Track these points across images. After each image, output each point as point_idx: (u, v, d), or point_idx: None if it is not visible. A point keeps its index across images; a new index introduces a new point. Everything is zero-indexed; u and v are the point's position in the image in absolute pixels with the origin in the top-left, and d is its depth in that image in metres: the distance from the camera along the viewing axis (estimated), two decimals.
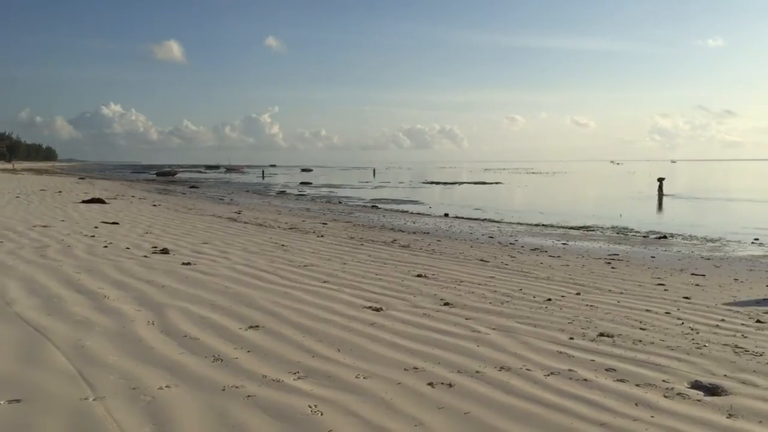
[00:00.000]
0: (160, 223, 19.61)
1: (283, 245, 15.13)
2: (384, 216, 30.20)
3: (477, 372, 6.04)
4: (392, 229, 22.98)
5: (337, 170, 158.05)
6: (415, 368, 6.08)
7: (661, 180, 49.57)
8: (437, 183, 76.54)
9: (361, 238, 18.00)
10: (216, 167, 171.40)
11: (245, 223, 21.67)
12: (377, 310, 8.54)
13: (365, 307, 8.68)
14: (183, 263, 11.66)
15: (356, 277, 10.99)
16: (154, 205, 29.09)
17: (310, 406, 5.05)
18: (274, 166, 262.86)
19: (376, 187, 65.62)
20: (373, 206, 38.21)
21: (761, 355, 6.94)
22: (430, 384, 5.65)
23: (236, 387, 5.40)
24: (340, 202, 41.49)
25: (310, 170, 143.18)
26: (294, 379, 5.66)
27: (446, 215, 31.75)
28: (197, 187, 59.60)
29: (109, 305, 8.15)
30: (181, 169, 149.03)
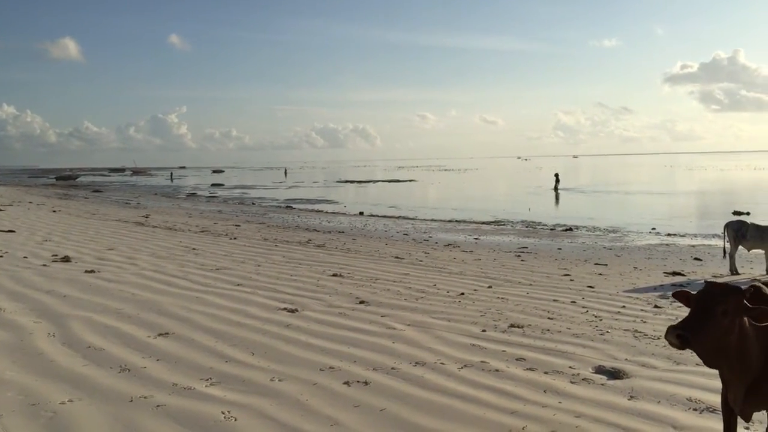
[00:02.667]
0: (61, 230, 18.63)
1: (194, 249, 14.71)
2: (299, 216, 29.95)
3: (392, 368, 6.09)
4: (307, 229, 22.83)
5: (249, 171, 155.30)
6: (330, 368, 6.06)
7: (557, 175, 51.62)
8: (352, 182, 76.65)
9: (276, 239, 17.77)
10: (121, 170, 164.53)
11: (154, 227, 20.93)
12: (292, 311, 8.45)
13: (280, 308, 8.57)
14: (86, 271, 11.12)
15: (271, 279, 10.84)
16: (54, 211, 27.60)
17: (224, 413, 4.93)
18: (183, 167, 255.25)
19: (290, 188, 64.99)
20: (287, 207, 37.82)
21: (659, 338, 7.33)
22: (346, 383, 5.64)
23: (144, 397, 5.20)
24: (253, 204, 40.81)
25: (221, 171, 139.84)
26: (206, 386, 5.51)
27: (361, 214, 31.85)
28: (101, 191, 57.03)
29: (4, 318, 7.66)
30: (82, 173, 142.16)
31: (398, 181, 77.71)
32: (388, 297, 9.58)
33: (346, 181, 78.19)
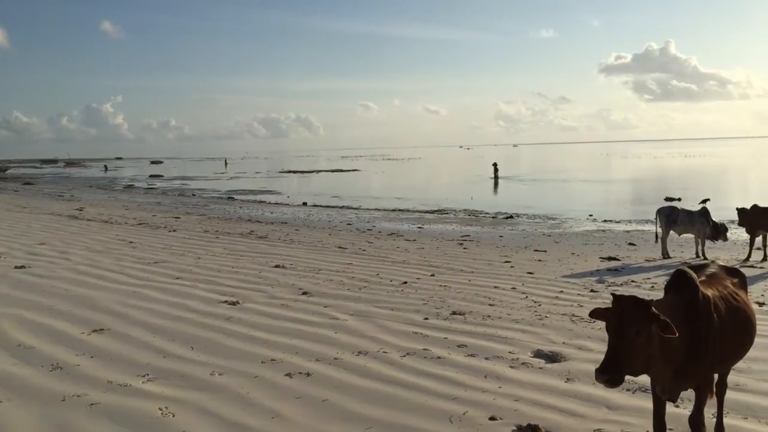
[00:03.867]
0: None
1: (131, 242, 14.30)
2: (240, 207, 29.50)
3: (335, 359, 6.07)
4: (249, 220, 22.51)
5: (190, 162, 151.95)
6: (272, 360, 6.00)
7: (495, 164, 52.48)
8: (295, 172, 75.93)
9: (217, 231, 17.45)
10: (53, 161, 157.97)
11: (88, 220, 20.24)
12: (233, 303, 8.32)
13: (221, 301, 8.42)
14: (16, 267, 10.66)
15: (211, 272, 10.64)
16: None
17: (161, 409, 4.82)
18: (120, 158, 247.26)
19: (231, 178, 63.91)
20: (229, 198, 37.19)
21: (594, 322, 7.54)
22: (288, 375, 5.59)
23: (78, 396, 5.02)
24: (193, 195, 39.97)
25: (160, 162, 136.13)
26: (143, 382, 5.37)
27: (305, 204, 31.63)
28: (32, 184, 54.77)
29: None
30: (12, 165, 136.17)
31: (342, 171, 77.47)
32: (331, 287, 9.55)
33: (289, 172, 77.45)
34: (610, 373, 3.23)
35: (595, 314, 3.56)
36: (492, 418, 4.70)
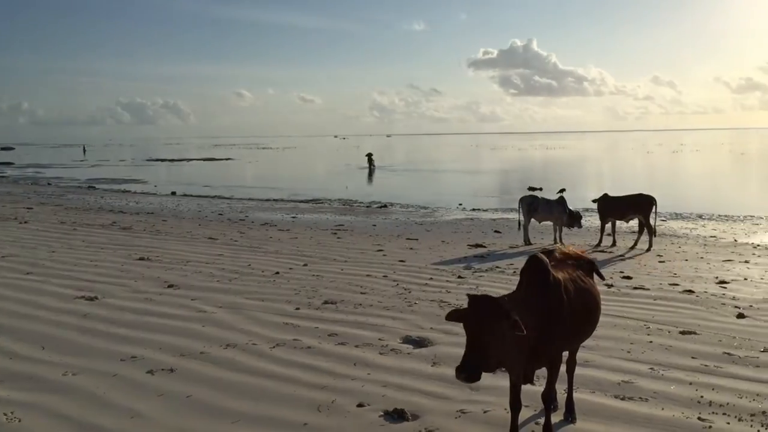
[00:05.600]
0: None
1: None
2: (102, 197, 27.80)
3: (201, 353, 5.88)
4: (112, 210, 21.27)
5: (45, 148, 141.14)
6: (133, 357, 5.70)
7: (369, 155, 53.16)
8: (163, 160, 72.62)
9: (75, 222, 16.34)
10: None
11: None
12: (91, 299, 7.83)
13: (77, 297, 7.89)
14: None
15: (67, 266, 9.94)
16: None
17: (6, 414, 4.45)
18: None
19: (93, 166, 60.08)
20: (89, 187, 34.94)
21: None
22: (150, 372, 5.35)
23: None
24: (49, 184, 37.15)
25: (11, 149, 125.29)
26: None
27: (173, 194, 30.35)
28: None
29: None
30: None
31: (214, 159, 75.10)
32: (199, 279, 9.23)
33: (157, 160, 74.01)
34: (467, 372, 3.38)
35: (452, 317, 3.68)
36: (360, 405, 4.75)
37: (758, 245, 14.08)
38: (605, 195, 14.33)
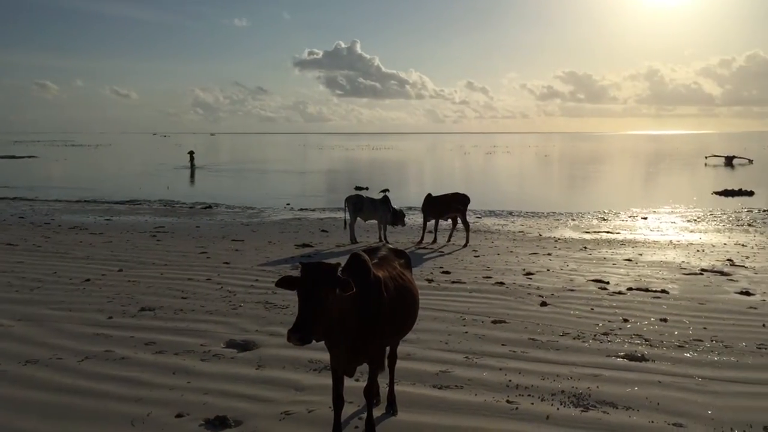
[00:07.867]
0: None
1: None
2: None
3: None
4: None
5: None
6: None
7: (191, 153, 51.32)
8: None
9: None
10: None
11: None
12: None
13: None
14: None
15: None
16: None
17: None
18: None
19: None
20: None
21: (287, 307, 7.78)
22: None
23: None
24: None
25: None
26: None
27: None
28: None
29: None
30: None
31: (15, 157, 67.88)
32: None
33: None
34: (300, 332, 3.36)
35: (283, 283, 3.63)
36: (179, 416, 4.52)
37: (559, 239, 15.54)
38: (428, 195, 15.01)
